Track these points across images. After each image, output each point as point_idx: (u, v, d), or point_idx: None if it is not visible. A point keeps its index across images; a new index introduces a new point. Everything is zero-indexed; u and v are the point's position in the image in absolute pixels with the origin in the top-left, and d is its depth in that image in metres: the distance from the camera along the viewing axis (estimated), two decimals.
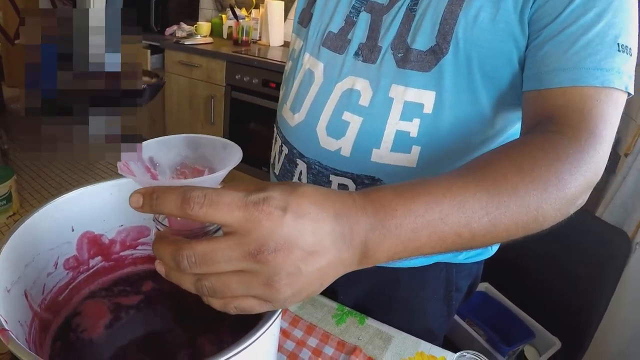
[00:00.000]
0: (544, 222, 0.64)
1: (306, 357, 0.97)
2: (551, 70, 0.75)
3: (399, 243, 0.53)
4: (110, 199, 0.85)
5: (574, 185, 0.64)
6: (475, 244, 0.59)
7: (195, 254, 0.46)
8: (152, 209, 0.48)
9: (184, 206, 0.45)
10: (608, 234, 1.96)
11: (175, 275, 0.50)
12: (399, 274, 1.12)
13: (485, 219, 0.57)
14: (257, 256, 0.45)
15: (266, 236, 0.46)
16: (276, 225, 0.46)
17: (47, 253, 0.78)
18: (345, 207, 0.51)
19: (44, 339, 0.76)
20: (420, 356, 1.00)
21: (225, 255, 0.46)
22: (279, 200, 0.47)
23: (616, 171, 2.27)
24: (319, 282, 0.51)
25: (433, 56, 0.85)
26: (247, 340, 0.53)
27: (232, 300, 0.49)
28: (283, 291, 0.47)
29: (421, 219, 0.54)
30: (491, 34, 0.81)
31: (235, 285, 0.48)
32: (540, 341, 2.07)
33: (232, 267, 0.47)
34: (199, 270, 0.47)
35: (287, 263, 0.46)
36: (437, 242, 0.56)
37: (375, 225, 0.52)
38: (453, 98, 0.87)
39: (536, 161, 0.63)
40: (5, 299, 0.64)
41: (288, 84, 1.10)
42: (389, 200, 0.54)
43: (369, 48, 0.92)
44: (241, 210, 0.46)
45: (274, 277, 0.46)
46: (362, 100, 0.92)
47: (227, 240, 0.47)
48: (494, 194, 0.58)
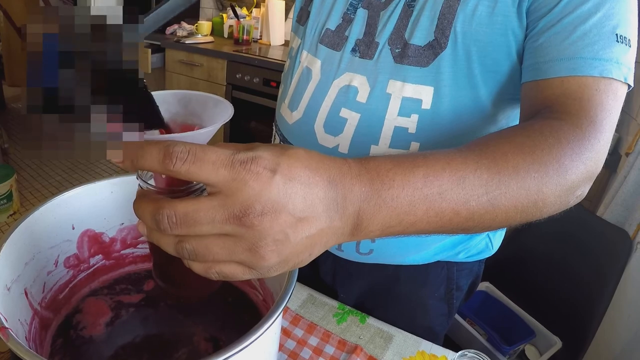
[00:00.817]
0: (543, 208, 0.61)
1: (307, 356, 0.96)
2: (548, 60, 0.74)
3: (394, 216, 0.51)
4: (111, 197, 0.85)
5: (575, 173, 0.62)
6: (471, 225, 0.57)
7: (176, 214, 0.43)
8: (133, 164, 0.45)
9: (165, 162, 0.42)
10: (609, 233, 1.96)
11: (156, 236, 0.47)
12: (399, 272, 1.12)
13: (484, 197, 0.55)
14: (242, 219, 0.42)
15: (253, 198, 0.42)
16: (264, 187, 0.42)
17: (47, 251, 0.78)
18: (340, 173, 0.48)
19: (44, 338, 0.76)
20: (421, 355, 1.00)
21: (207, 216, 0.43)
22: (268, 160, 0.43)
23: (617, 170, 2.27)
24: (307, 252, 0.47)
25: (431, 51, 0.85)
26: (248, 338, 0.53)
27: (214, 265, 0.46)
28: (268, 258, 0.44)
29: (419, 192, 0.51)
30: (490, 28, 0.81)
31: (218, 250, 0.44)
32: (541, 340, 2.07)
33: (215, 229, 0.43)
34: (180, 231, 0.44)
35: (274, 228, 0.43)
36: (433, 219, 0.53)
37: (370, 195, 0.49)
38: (452, 93, 0.86)
39: (536, 144, 0.62)
40: (5, 297, 0.64)
41: (286, 81, 1.10)
42: (386, 170, 0.51)
43: (366, 44, 0.92)
44: (227, 169, 0.42)
45: (259, 242, 0.43)
46: (360, 96, 0.92)
47: (210, 200, 0.43)
48: (494, 173, 0.56)
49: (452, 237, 1.06)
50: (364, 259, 1.07)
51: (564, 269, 2.02)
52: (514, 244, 2.13)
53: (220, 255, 0.45)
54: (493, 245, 1.15)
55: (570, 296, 1.99)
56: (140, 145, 0.44)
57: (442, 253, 1.08)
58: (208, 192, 0.44)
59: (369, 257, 1.06)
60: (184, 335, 0.83)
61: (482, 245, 1.13)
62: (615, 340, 2.15)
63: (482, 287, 2.20)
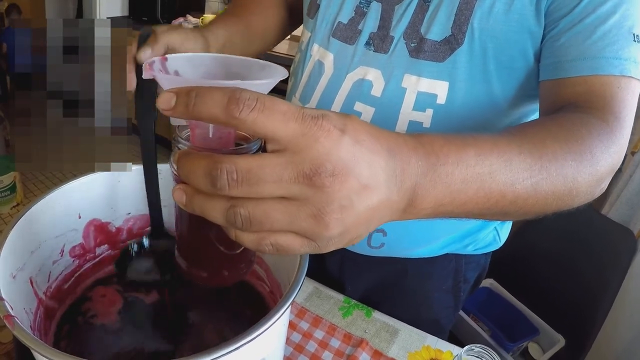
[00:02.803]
0: (576, 197, 0.62)
1: (312, 350, 0.96)
2: (571, 59, 0.75)
3: (447, 193, 0.49)
4: (118, 186, 0.84)
5: (604, 164, 0.64)
6: (513, 209, 0.56)
7: (238, 169, 0.38)
8: (189, 109, 0.39)
9: (230, 107, 0.37)
10: (614, 232, 1.95)
11: (201, 202, 0.42)
12: (408, 265, 1.12)
13: (528, 181, 0.55)
14: (313, 178, 0.38)
15: (324, 156, 0.39)
16: (335, 145, 0.39)
17: (53, 240, 0.77)
18: (397, 144, 0.45)
19: (49, 327, 0.76)
20: (427, 350, 0.99)
21: (274, 173, 0.38)
22: (337, 120, 0.40)
23: (622, 169, 2.27)
24: (365, 225, 0.44)
25: (448, 46, 0.85)
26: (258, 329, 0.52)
27: (269, 235, 0.41)
28: (332, 227, 0.40)
29: (471, 170, 0.50)
30: (506, 25, 0.81)
31: (278, 215, 0.40)
32: (545, 338, 2.06)
33: (281, 190, 0.39)
34: (239, 190, 0.39)
35: (342, 192, 0.39)
36: (481, 199, 0.52)
37: (426, 170, 0.47)
38: (466, 88, 0.86)
39: (570, 134, 0.62)
40: (10, 286, 0.63)
41: (297, 75, 1.10)
42: (440, 145, 0.49)
43: (381, 38, 0.91)
44: (298, 122, 0.38)
45: (326, 208, 0.39)
46: (374, 90, 0.91)
47: (277, 157, 0.39)
48: (537, 158, 0.56)
49: (462, 230, 1.06)
50: (374, 252, 1.07)
51: (568, 267, 2.02)
52: (518, 241, 2.13)
53: (280, 223, 0.40)
54: (500, 238, 1.15)
55: (573, 294, 1.98)
56: (199, 88, 0.39)
57: (451, 245, 1.08)
58: (269, 149, 0.40)
59: (379, 250, 1.06)
60: (190, 326, 0.82)
61: (490, 238, 1.13)
62: (618, 338, 2.15)
63: (486, 283, 2.20)
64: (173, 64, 0.54)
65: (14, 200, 3.57)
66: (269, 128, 0.38)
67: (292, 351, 0.95)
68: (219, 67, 0.55)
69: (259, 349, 0.59)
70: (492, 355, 0.78)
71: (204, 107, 0.38)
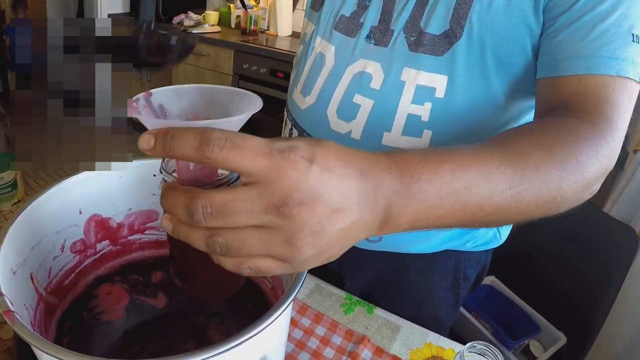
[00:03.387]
0: (561, 204, 0.62)
1: (314, 346, 0.96)
2: (566, 58, 0.75)
3: (422, 210, 0.50)
4: (120, 182, 0.84)
5: (591, 170, 0.63)
6: (494, 219, 0.57)
7: (212, 204, 0.41)
8: (166, 150, 0.42)
9: (202, 148, 0.40)
10: (615, 230, 1.95)
11: (184, 231, 0.45)
12: (407, 261, 1.12)
13: (508, 192, 0.56)
14: (281, 209, 0.41)
15: (292, 187, 0.41)
16: (302, 176, 0.41)
17: (53, 236, 0.77)
18: (370, 166, 0.47)
19: (49, 324, 0.75)
20: (429, 347, 0.99)
21: (246, 206, 0.41)
22: (305, 150, 0.42)
23: (624, 168, 2.26)
24: (340, 245, 0.47)
25: (446, 40, 0.85)
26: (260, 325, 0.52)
27: (247, 260, 0.44)
28: (305, 251, 0.43)
29: (447, 186, 0.51)
30: (505, 20, 0.80)
31: (253, 242, 0.43)
32: (546, 336, 2.06)
33: (253, 220, 0.42)
34: (215, 222, 0.42)
35: (312, 219, 0.42)
36: (459, 213, 0.53)
37: (399, 189, 0.49)
38: (465, 83, 0.86)
39: (556, 141, 0.62)
40: (10, 281, 0.63)
41: (299, 67, 1.10)
42: (414, 164, 0.50)
43: (381, 31, 0.91)
44: (265, 157, 0.41)
45: (297, 234, 0.42)
46: (374, 83, 0.92)
47: (248, 190, 0.42)
48: (518, 169, 0.57)
49: None
50: (372, 246, 1.07)
51: (570, 264, 2.01)
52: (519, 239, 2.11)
53: (255, 249, 0.43)
54: (501, 235, 1.14)
55: (575, 292, 1.98)
56: (174, 130, 0.42)
57: (450, 242, 1.08)
58: (243, 182, 0.43)
59: (378, 244, 1.06)
60: (192, 323, 0.82)
61: (490, 235, 1.12)
62: (619, 336, 2.15)
63: (487, 281, 2.19)
64: (157, 98, 0.56)
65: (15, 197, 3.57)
66: (239, 164, 0.41)
67: (294, 348, 0.95)
68: (202, 97, 0.57)
69: (261, 345, 0.58)
70: (494, 352, 0.78)
71: (178, 148, 0.41)
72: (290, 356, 0.93)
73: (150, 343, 0.79)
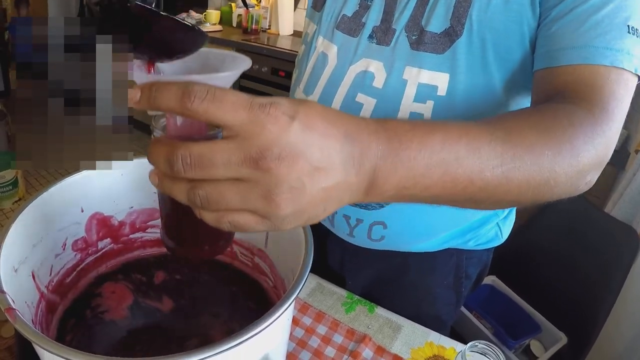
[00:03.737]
0: (554, 188, 0.61)
1: (315, 345, 0.96)
2: (560, 48, 0.74)
3: (410, 177, 0.50)
4: (121, 180, 0.84)
5: (586, 156, 0.62)
6: (484, 196, 0.56)
7: (192, 155, 0.42)
8: (150, 102, 0.43)
9: (184, 100, 0.41)
10: (616, 230, 1.95)
11: (168, 184, 0.46)
12: (408, 260, 1.12)
13: (499, 169, 0.55)
14: (259, 162, 0.41)
15: (270, 141, 0.41)
16: (282, 131, 0.42)
17: (55, 234, 0.77)
18: (357, 129, 0.47)
19: (50, 322, 0.75)
20: (430, 346, 0.99)
21: (223, 158, 0.42)
22: (287, 107, 0.43)
23: (625, 168, 2.26)
24: (322, 205, 0.46)
25: (447, 38, 0.85)
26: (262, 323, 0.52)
27: (226, 214, 0.45)
28: (283, 207, 0.43)
29: (436, 156, 0.51)
30: (504, 16, 0.81)
31: (232, 196, 0.43)
32: (547, 336, 2.06)
33: (231, 172, 0.42)
34: (194, 173, 0.43)
35: (291, 175, 0.42)
36: (448, 184, 0.52)
37: (387, 153, 0.48)
38: (467, 80, 0.86)
39: (550, 124, 0.62)
40: (12, 279, 0.63)
41: (301, 66, 1.10)
42: (404, 131, 0.50)
43: (383, 31, 0.92)
44: (246, 111, 0.41)
45: (275, 189, 0.42)
46: (376, 82, 0.92)
47: (227, 142, 0.42)
48: (510, 147, 0.56)
49: (463, 224, 1.06)
50: (374, 245, 1.07)
51: (571, 264, 2.01)
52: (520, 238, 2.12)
53: (234, 202, 0.44)
54: (502, 234, 1.14)
55: (576, 292, 1.98)
56: (159, 83, 0.43)
57: (451, 240, 1.08)
58: (224, 136, 0.43)
59: (379, 243, 1.06)
60: (194, 322, 0.82)
61: (492, 233, 1.12)
62: (620, 336, 2.14)
63: (488, 280, 2.19)
64: None
65: (16, 195, 3.57)
66: (220, 117, 0.41)
67: (295, 347, 0.95)
68: (195, 59, 0.58)
69: (263, 343, 0.58)
70: (495, 352, 0.78)
71: (162, 100, 0.42)
72: (292, 355, 0.93)
73: (152, 341, 0.78)
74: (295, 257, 0.67)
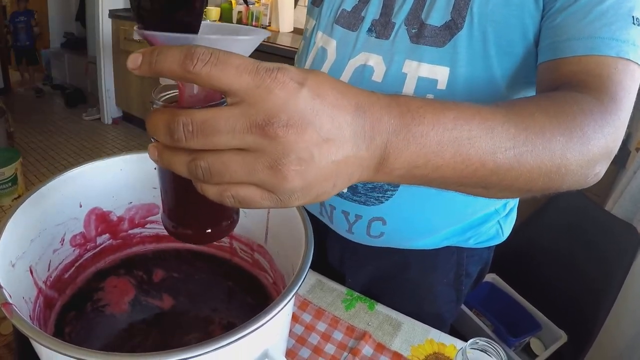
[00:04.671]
0: (565, 175, 0.59)
1: (315, 342, 0.95)
2: (566, 39, 0.73)
3: (421, 155, 0.48)
4: (120, 175, 0.83)
5: (596, 145, 0.61)
6: (495, 180, 0.54)
7: (193, 121, 0.39)
8: (151, 66, 0.40)
9: (185, 62, 0.38)
10: (617, 228, 1.94)
11: (167, 156, 0.43)
12: (409, 257, 1.12)
13: (511, 152, 0.53)
14: (266, 128, 0.39)
15: (278, 107, 0.39)
16: (290, 97, 0.39)
17: (53, 229, 0.76)
18: (369, 102, 0.45)
19: (48, 317, 0.75)
20: (430, 343, 0.98)
21: (228, 124, 0.39)
22: (295, 73, 0.40)
23: (626, 166, 2.26)
24: (331, 181, 0.43)
25: (447, 31, 0.84)
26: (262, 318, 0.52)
27: (229, 187, 0.42)
28: (291, 179, 0.40)
29: (448, 134, 0.48)
30: (506, 9, 0.80)
31: (236, 167, 0.41)
32: (547, 334, 2.06)
33: (236, 141, 0.40)
34: (196, 142, 0.40)
35: (299, 144, 0.40)
36: (459, 165, 0.50)
37: (399, 128, 0.46)
38: (467, 74, 0.86)
39: (561, 110, 0.60)
40: (9, 273, 0.63)
41: (300, 62, 1.10)
42: (417, 107, 0.48)
43: (382, 24, 0.91)
44: (251, 75, 0.39)
45: (282, 159, 0.40)
46: (375, 75, 0.92)
47: (231, 108, 0.40)
48: (522, 129, 0.54)
49: (463, 222, 1.06)
50: (374, 242, 1.07)
51: (571, 262, 2.01)
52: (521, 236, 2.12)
53: (238, 174, 0.41)
54: (503, 231, 1.14)
55: (576, 290, 1.98)
56: (161, 47, 0.40)
57: (452, 238, 1.08)
58: (228, 102, 0.41)
59: (379, 240, 1.06)
60: (194, 317, 0.82)
61: (493, 231, 1.12)
62: (620, 335, 2.14)
63: (488, 278, 2.19)
64: None
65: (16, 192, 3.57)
66: (224, 81, 0.39)
67: (295, 343, 0.94)
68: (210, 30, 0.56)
69: (262, 338, 0.58)
70: (496, 349, 0.77)
71: (163, 63, 0.39)
72: (291, 352, 0.93)
73: (152, 336, 0.78)
74: (295, 252, 0.67)
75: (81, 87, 6.29)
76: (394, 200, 0.97)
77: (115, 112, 5.58)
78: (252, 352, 0.58)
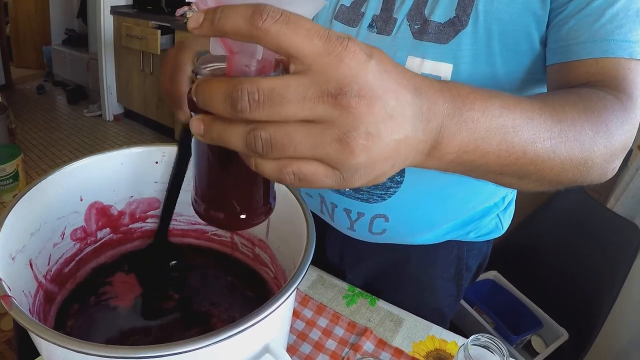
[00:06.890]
0: (590, 169, 0.61)
1: (316, 337, 0.95)
2: (580, 42, 0.75)
3: (472, 140, 0.47)
4: (121, 169, 0.83)
5: (618, 140, 0.63)
6: (531, 170, 0.55)
7: (261, 90, 0.36)
8: (214, 25, 0.37)
9: (254, 17, 0.36)
10: (619, 226, 1.95)
11: (220, 128, 0.40)
12: (409, 252, 1.12)
13: (548, 142, 0.54)
14: (338, 97, 0.37)
15: (350, 77, 0.37)
16: (362, 68, 0.37)
17: (54, 222, 0.76)
18: (425, 84, 0.44)
19: (48, 312, 0.74)
20: (431, 340, 0.98)
21: (298, 92, 0.37)
22: (363, 46, 0.38)
23: (628, 164, 2.26)
24: (391, 161, 0.42)
25: (452, 28, 0.84)
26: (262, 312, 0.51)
27: (291, 163, 0.39)
28: (358, 154, 0.38)
29: (496, 121, 0.49)
30: (511, 7, 0.80)
31: (302, 139, 0.38)
32: (548, 331, 2.06)
33: (305, 111, 0.37)
34: (262, 112, 0.37)
35: (369, 117, 0.38)
36: (504, 153, 0.50)
37: (453, 112, 0.45)
38: (471, 71, 0.85)
39: (588, 105, 0.62)
40: (9, 267, 0.62)
41: None
42: (466, 92, 0.47)
43: (384, 20, 0.91)
44: (322, 40, 0.37)
45: (352, 131, 0.37)
46: None
47: (301, 76, 0.37)
48: (556, 120, 0.56)
49: (464, 216, 1.06)
50: (375, 238, 1.07)
51: (573, 260, 2.01)
52: (522, 233, 2.12)
53: (303, 147, 0.38)
54: (503, 225, 1.15)
55: (578, 288, 1.98)
56: (224, 6, 0.37)
57: (453, 232, 1.08)
58: (293, 70, 0.38)
59: (381, 236, 1.06)
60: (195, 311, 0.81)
61: (492, 225, 1.13)
62: (621, 333, 2.14)
63: (489, 275, 2.19)
64: None
65: (17, 188, 3.57)
66: (293, 43, 0.36)
67: (296, 339, 0.94)
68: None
69: (263, 332, 0.58)
70: (498, 345, 0.77)
71: (228, 20, 0.37)
72: (292, 347, 0.92)
73: (153, 329, 0.78)
74: (297, 247, 0.66)
75: (82, 83, 6.28)
76: (397, 197, 0.97)
77: (117, 109, 5.58)
78: (253, 345, 0.57)
